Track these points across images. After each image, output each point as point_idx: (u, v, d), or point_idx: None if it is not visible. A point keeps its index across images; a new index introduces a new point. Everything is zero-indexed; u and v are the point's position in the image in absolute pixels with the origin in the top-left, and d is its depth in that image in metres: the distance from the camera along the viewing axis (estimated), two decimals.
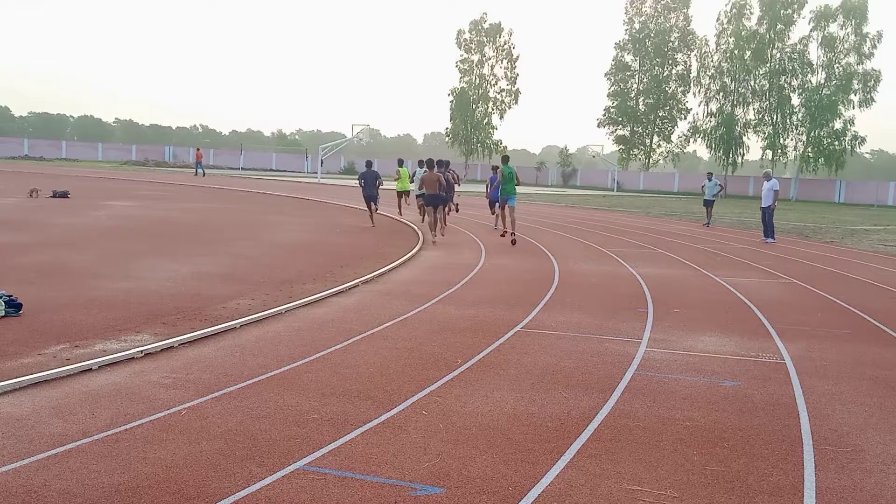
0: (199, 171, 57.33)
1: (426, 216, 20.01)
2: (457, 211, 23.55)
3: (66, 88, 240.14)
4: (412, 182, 24.72)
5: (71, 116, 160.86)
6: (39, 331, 7.79)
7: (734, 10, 70.65)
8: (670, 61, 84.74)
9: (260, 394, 6.08)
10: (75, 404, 5.64)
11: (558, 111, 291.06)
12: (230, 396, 5.99)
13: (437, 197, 19.06)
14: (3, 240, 14.95)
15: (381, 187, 22.34)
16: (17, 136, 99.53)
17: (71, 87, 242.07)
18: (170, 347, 7.43)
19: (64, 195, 26.71)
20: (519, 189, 19.49)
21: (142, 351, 7.15)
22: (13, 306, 8.42)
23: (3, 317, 8.21)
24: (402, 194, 25.15)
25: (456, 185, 20.80)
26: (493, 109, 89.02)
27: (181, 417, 5.46)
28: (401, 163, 25.63)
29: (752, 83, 70.76)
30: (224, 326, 8.34)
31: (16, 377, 6.11)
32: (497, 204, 20.75)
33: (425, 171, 19.99)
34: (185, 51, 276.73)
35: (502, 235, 19.45)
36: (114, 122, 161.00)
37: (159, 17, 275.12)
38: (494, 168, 23.79)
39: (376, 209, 22.27)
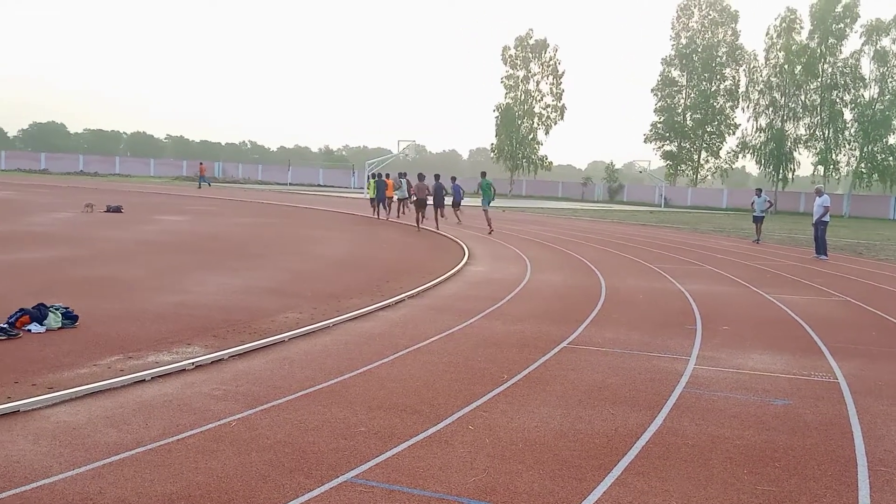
0: (204, 183, 58.70)
1: (401, 212, 31.55)
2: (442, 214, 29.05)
3: (120, 106, 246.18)
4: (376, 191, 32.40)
5: (124, 133, 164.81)
6: (94, 342, 7.97)
7: (784, 25, 69.70)
8: (718, 76, 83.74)
9: (308, 406, 6.15)
10: (129, 414, 5.76)
11: (604, 127, 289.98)
12: (279, 409, 6.07)
13: (423, 200, 26.55)
14: (60, 254, 15.34)
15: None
16: (72, 152, 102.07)
17: (125, 105, 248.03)
18: (220, 360, 7.55)
19: (117, 210, 27.28)
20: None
21: (193, 363, 7.27)
22: (70, 318, 8.64)
23: (60, 328, 8.42)
24: (373, 200, 32.53)
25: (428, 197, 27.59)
26: (538, 125, 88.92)
27: (231, 429, 5.54)
28: (371, 176, 34.49)
29: (802, 98, 69.65)
30: (273, 339, 8.45)
31: (72, 387, 6.27)
32: (460, 204, 30.39)
33: (417, 182, 27.11)
34: (235, 69, 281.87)
35: (489, 233, 25.52)
36: (165, 139, 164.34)
37: (211, 37, 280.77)
38: (453, 179, 32.15)
39: (387, 210, 31.61)
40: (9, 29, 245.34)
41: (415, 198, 26.80)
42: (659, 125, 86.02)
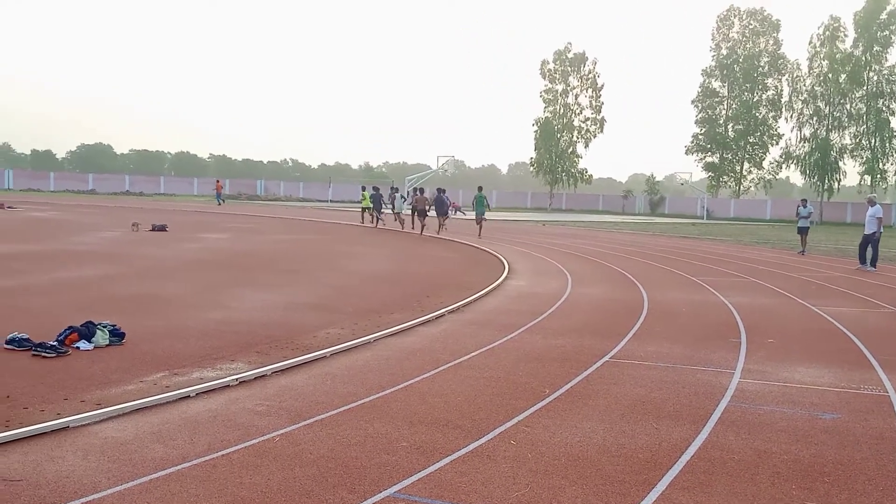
0: (220, 200, 59.04)
1: (408, 222, 34.60)
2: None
3: (164, 126, 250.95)
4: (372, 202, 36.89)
5: (168, 153, 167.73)
6: (141, 359, 8.10)
7: (827, 33, 68.78)
8: (760, 86, 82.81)
9: (350, 421, 6.18)
10: (175, 430, 5.84)
11: (645, 139, 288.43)
12: (321, 424, 6.10)
13: (423, 210, 32.03)
14: (108, 272, 15.63)
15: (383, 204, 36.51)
16: (118, 173, 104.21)
17: (169, 125, 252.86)
18: (263, 375, 7.62)
19: (163, 228, 27.75)
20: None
21: (237, 379, 7.35)
22: (117, 335, 8.79)
23: (107, 345, 8.58)
24: (365, 210, 38.09)
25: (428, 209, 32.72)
26: (577, 138, 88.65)
27: (275, 444, 5.59)
28: (364, 188, 40.34)
29: (847, 107, 68.59)
30: (315, 355, 8.50)
31: (119, 403, 6.37)
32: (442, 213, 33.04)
33: (417, 195, 33.03)
34: (277, 89, 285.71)
35: (479, 236, 29.33)
36: (208, 158, 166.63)
37: (253, 58, 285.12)
38: (442, 191, 34.77)
39: (379, 217, 36.15)
40: (59, 52, 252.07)
41: (411, 208, 31.97)
42: (700, 136, 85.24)
